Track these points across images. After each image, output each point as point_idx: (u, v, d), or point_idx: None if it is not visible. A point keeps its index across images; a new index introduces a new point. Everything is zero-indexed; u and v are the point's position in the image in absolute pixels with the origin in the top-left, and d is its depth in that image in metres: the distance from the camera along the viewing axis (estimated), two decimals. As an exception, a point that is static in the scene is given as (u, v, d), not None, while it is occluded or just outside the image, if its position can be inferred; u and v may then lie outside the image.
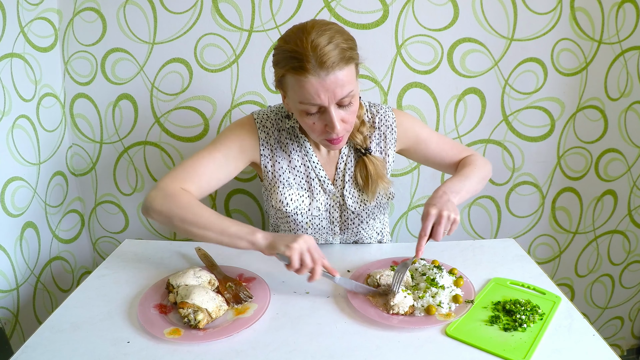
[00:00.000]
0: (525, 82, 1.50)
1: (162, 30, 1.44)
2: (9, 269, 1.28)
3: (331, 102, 0.93)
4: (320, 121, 0.97)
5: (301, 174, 1.14)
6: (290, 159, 1.13)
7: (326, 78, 0.90)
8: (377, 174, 1.11)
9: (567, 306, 0.95)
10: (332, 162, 1.15)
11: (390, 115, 1.16)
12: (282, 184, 1.13)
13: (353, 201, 1.15)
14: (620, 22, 1.45)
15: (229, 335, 0.87)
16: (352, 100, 0.97)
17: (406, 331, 0.88)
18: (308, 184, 1.14)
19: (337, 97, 0.93)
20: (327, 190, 1.15)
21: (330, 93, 0.92)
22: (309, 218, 1.14)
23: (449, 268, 1.06)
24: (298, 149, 1.13)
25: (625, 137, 1.58)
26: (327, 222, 1.17)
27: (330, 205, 1.16)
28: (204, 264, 1.11)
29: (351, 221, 1.18)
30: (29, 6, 1.32)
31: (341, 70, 0.91)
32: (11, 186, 1.28)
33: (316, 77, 0.90)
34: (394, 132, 1.16)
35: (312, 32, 0.90)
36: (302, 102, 0.94)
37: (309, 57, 0.89)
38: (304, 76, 0.90)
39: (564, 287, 1.75)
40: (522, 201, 1.64)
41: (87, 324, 0.91)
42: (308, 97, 0.92)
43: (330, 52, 0.89)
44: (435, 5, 1.42)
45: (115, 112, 1.52)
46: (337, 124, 0.95)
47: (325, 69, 0.89)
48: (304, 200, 1.14)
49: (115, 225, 1.66)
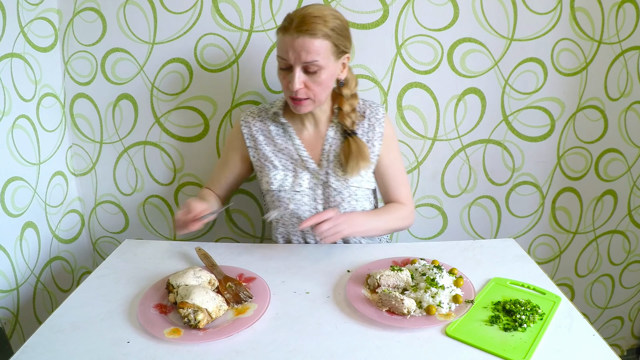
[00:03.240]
0: (525, 82, 1.50)
1: (162, 30, 1.44)
2: (9, 269, 1.28)
3: (297, 62, 1.08)
4: (287, 78, 1.13)
5: (286, 156, 1.26)
6: (274, 143, 1.26)
7: (297, 39, 1.06)
8: (359, 152, 1.20)
9: (567, 306, 0.95)
10: (318, 144, 1.26)
11: (381, 111, 1.27)
12: (267, 167, 1.27)
13: (335, 179, 1.23)
14: (620, 22, 1.45)
15: (229, 335, 0.87)
16: (318, 71, 1.10)
17: (406, 331, 0.89)
18: (292, 164, 1.25)
19: (302, 59, 1.07)
20: (310, 168, 1.24)
21: (297, 53, 1.07)
22: (291, 194, 1.24)
23: (449, 268, 1.06)
24: (282, 134, 1.26)
25: (625, 137, 1.58)
26: (309, 198, 1.24)
27: (314, 183, 1.24)
28: (204, 264, 1.11)
29: (333, 198, 1.24)
30: (29, 6, 1.32)
31: (312, 39, 1.06)
32: (11, 186, 1.28)
33: (290, 37, 1.07)
34: (381, 127, 1.26)
35: (311, 7, 1.09)
36: (278, 55, 1.12)
37: (294, 20, 1.07)
38: (284, 33, 1.08)
39: (564, 287, 1.75)
40: (522, 201, 1.64)
41: (87, 324, 0.91)
42: (281, 51, 1.10)
43: (311, 21, 1.06)
44: (435, 5, 1.42)
45: (115, 112, 1.52)
46: (297, 83, 1.10)
47: (299, 32, 1.06)
48: (288, 179, 1.25)
49: (115, 225, 1.66)
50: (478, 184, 1.61)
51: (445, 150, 1.57)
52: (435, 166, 1.59)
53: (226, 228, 1.65)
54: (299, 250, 1.23)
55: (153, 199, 1.62)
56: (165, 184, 1.60)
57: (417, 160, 1.57)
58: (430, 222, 1.66)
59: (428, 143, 1.56)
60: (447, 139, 1.55)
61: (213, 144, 1.55)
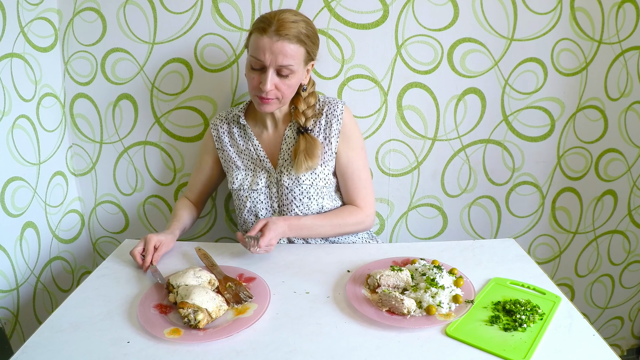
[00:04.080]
0: (525, 82, 1.50)
1: (162, 30, 1.44)
2: (9, 269, 1.28)
3: (272, 64, 1.12)
4: (258, 77, 1.15)
5: (247, 157, 1.31)
6: (237, 144, 1.32)
7: (276, 42, 1.10)
8: (305, 149, 1.21)
9: (567, 306, 0.95)
10: (277, 144, 1.30)
11: (339, 107, 1.27)
12: (231, 168, 1.33)
13: (288, 177, 1.25)
14: (620, 22, 1.45)
15: (229, 335, 0.87)
16: (290, 74, 1.15)
17: (406, 331, 0.88)
18: (253, 164, 1.31)
19: (277, 62, 1.12)
20: (266, 167, 1.29)
21: (274, 56, 1.11)
22: (249, 192, 1.28)
23: (449, 268, 1.06)
24: (243, 135, 1.31)
25: (625, 137, 1.58)
26: (264, 196, 1.29)
27: (271, 182, 1.28)
28: (204, 264, 1.11)
29: (285, 196, 1.27)
30: (29, 6, 1.32)
31: (290, 44, 1.11)
32: (11, 186, 1.28)
33: (269, 39, 1.10)
34: (338, 123, 1.26)
35: (287, 12, 1.14)
36: (252, 55, 1.14)
37: (272, 23, 1.10)
38: (261, 35, 1.11)
39: (564, 287, 1.75)
40: (522, 201, 1.64)
41: (87, 324, 0.91)
42: (257, 52, 1.12)
43: (289, 27, 1.11)
44: (435, 5, 1.42)
45: (115, 112, 1.52)
46: (269, 84, 1.13)
47: (278, 36, 1.10)
48: (247, 179, 1.30)
49: (115, 225, 1.66)
50: (478, 184, 1.61)
51: (445, 150, 1.57)
52: (435, 166, 1.59)
53: (226, 228, 1.65)
54: (299, 250, 1.23)
55: (153, 199, 1.62)
56: (165, 184, 1.60)
57: (417, 160, 1.57)
58: (430, 222, 1.66)
59: (428, 143, 1.56)
60: (447, 139, 1.55)
61: (213, 144, 1.55)
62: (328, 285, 1.04)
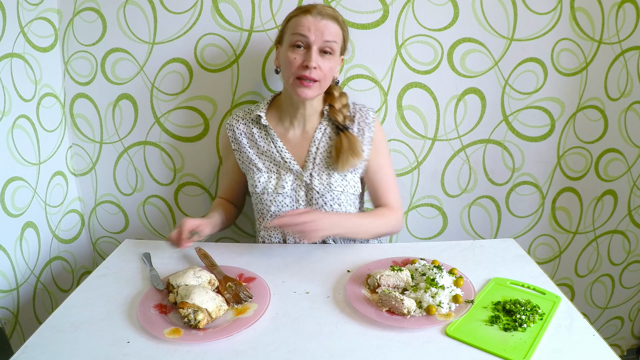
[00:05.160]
0: (525, 82, 1.50)
1: (162, 30, 1.44)
2: (9, 269, 1.28)
3: (317, 41, 1.13)
4: (301, 57, 1.15)
5: (269, 158, 1.28)
6: (257, 145, 1.28)
7: (321, 21, 1.14)
8: (350, 147, 1.21)
9: (567, 306, 0.95)
10: (303, 145, 1.27)
11: (371, 115, 1.28)
12: (252, 170, 1.29)
13: (319, 182, 1.24)
14: (620, 22, 1.45)
15: (229, 335, 0.87)
16: (331, 54, 1.16)
17: (406, 331, 0.89)
18: (276, 167, 1.27)
19: (323, 37, 1.14)
20: (293, 170, 1.25)
21: (319, 33, 1.13)
22: (273, 196, 1.25)
23: (449, 268, 1.06)
24: (264, 136, 1.28)
25: (625, 137, 1.58)
26: (290, 200, 1.25)
27: (297, 184, 1.25)
28: (204, 264, 1.11)
29: (315, 201, 1.24)
30: (29, 6, 1.32)
31: (332, 24, 1.15)
32: (11, 186, 1.28)
33: (313, 17, 1.14)
34: (370, 131, 1.27)
35: (322, 3, 1.21)
36: (295, 33, 1.14)
37: (315, 7, 1.15)
38: (305, 15, 1.14)
39: (564, 287, 1.75)
40: (522, 201, 1.64)
41: (87, 324, 0.91)
42: (301, 29, 1.13)
43: (329, 10, 1.16)
44: (435, 5, 1.42)
45: (115, 112, 1.52)
46: (314, 61, 1.13)
47: (322, 16, 1.14)
48: (271, 181, 1.26)
49: (115, 225, 1.66)
50: (478, 184, 1.61)
51: (445, 150, 1.57)
52: (435, 166, 1.59)
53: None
54: (299, 250, 1.23)
55: (153, 199, 1.62)
56: (165, 184, 1.60)
57: (417, 160, 1.57)
58: (430, 222, 1.66)
59: (428, 143, 1.56)
60: (447, 139, 1.55)
61: (213, 144, 1.55)
62: (328, 285, 1.04)
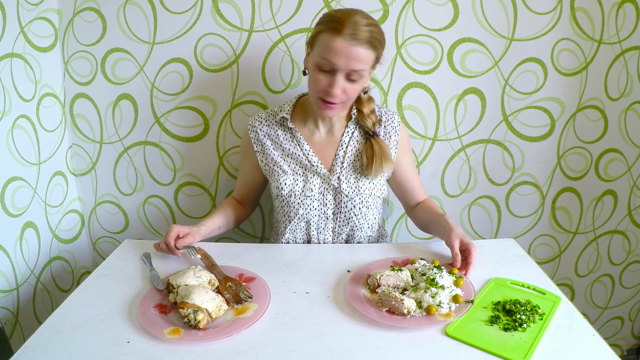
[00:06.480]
0: (525, 82, 1.50)
1: (162, 30, 1.44)
2: (9, 269, 1.28)
3: (344, 68, 1.08)
4: (326, 80, 1.10)
5: (294, 161, 1.26)
6: (282, 147, 1.27)
7: (351, 47, 1.05)
8: (382, 153, 1.21)
9: (567, 306, 0.95)
10: (331, 148, 1.26)
11: (396, 119, 1.29)
12: (276, 172, 1.27)
13: (348, 185, 1.24)
14: (620, 22, 1.45)
15: (229, 335, 0.87)
16: (359, 79, 1.11)
17: (406, 331, 0.88)
18: (302, 169, 1.25)
19: (350, 66, 1.07)
20: (321, 173, 1.24)
21: (347, 60, 1.06)
22: (301, 199, 1.24)
23: (449, 268, 1.06)
24: (290, 139, 1.26)
25: (625, 137, 1.58)
26: (318, 203, 1.25)
27: (325, 188, 1.24)
28: (204, 264, 1.11)
29: (344, 204, 1.25)
30: (29, 6, 1.32)
31: (364, 49, 1.07)
32: (11, 186, 1.28)
33: (344, 42, 1.05)
34: (397, 135, 1.28)
35: (358, 13, 1.08)
36: (322, 56, 1.08)
37: (348, 25, 1.05)
38: (337, 36, 1.05)
39: (564, 287, 1.75)
40: (522, 201, 1.64)
41: (87, 324, 0.91)
42: (330, 54, 1.07)
43: (364, 31, 1.05)
44: (435, 5, 1.42)
45: (115, 112, 1.52)
46: (337, 89, 1.10)
47: (354, 40, 1.05)
48: (298, 184, 1.24)
49: (115, 225, 1.66)
50: (478, 184, 1.61)
51: (445, 150, 1.57)
52: (435, 166, 1.59)
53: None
54: (299, 250, 1.23)
55: (153, 199, 1.62)
56: (165, 184, 1.60)
57: (417, 160, 1.57)
58: (430, 222, 1.66)
59: (428, 143, 1.56)
60: (447, 139, 1.55)
61: (213, 144, 1.55)
62: (328, 285, 1.04)
